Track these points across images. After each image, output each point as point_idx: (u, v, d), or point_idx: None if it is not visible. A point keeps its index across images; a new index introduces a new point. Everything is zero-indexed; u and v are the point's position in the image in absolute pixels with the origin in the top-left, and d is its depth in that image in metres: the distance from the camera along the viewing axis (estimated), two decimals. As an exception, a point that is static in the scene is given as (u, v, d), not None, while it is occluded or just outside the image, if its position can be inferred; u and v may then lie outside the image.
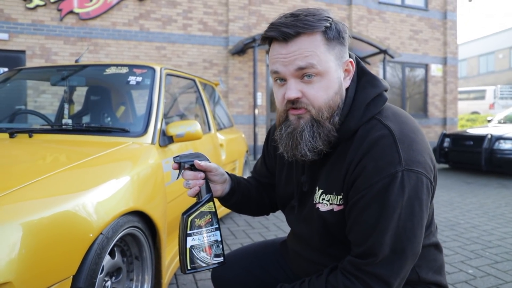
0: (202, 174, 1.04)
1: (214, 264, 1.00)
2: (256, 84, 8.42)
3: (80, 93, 2.96)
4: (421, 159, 0.89)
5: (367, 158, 0.89)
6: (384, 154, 0.88)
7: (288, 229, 3.41)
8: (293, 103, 0.94)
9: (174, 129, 2.14)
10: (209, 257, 0.99)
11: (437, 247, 1.06)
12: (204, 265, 0.99)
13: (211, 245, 1.00)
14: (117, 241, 1.56)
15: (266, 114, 9.32)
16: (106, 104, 2.73)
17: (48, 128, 2.10)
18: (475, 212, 3.94)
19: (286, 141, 0.98)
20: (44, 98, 6.32)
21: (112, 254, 1.53)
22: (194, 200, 1.06)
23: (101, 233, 1.34)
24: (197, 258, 0.98)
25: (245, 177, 1.31)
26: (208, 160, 1.07)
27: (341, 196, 0.95)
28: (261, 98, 9.11)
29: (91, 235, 1.27)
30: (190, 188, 1.03)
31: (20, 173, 1.36)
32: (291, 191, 1.13)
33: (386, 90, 1.00)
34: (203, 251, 0.99)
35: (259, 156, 8.59)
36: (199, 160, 1.04)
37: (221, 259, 1.01)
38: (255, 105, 8.38)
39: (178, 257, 2.19)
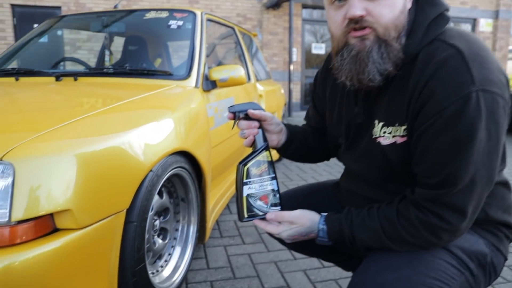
0: (256, 123, 1.01)
1: (270, 212, 0.99)
2: (292, 39, 8.17)
3: (118, 44, 2.93)
4: (495, 78, 0.80)
5: (435, 81, 0.81)
6: (454, 75, 0.79)
7: (338, 174, 3.38)
8: (356, 23, 0.85)
9: (217, 73, 2.08)
10: (265, 206, 0.99)
11: (506, 185, 0.98)
12: (260, 213, 0.98)
13: (267, 194, 0.99)
14: (165, 180, 1.55)
15: (301, 71, 9.09)
16: (144, 55, 2.69)
17: (92, 71, 2.09)
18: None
19: (350, 66, 0.89)
20: (80, 54, 6.38)
21: (160, 194, 1.54)
22: (241, 149, 1.03)
23: (151, 170, 1.33)
24: (254, 207, 0.98)
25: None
26: (262, 109, 1.03)
27: (405, 127, 0.88)
28: (296, 54, 8.87)
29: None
30: (246, 138, 1.01)
31: (68, 111, 1.35)
32: (341, 130, 1.06)
33: (447, 10, 0.89)
34: (259, 200, 0.98)
35: (294, 113, 8.51)
36: (253, 109, 1.01)
37: (278, 208, 1.00)
38: (290, 61, 8.17)
39: (220, 203, 2.21)
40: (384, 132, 0.91)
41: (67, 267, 1.02)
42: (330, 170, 3.60)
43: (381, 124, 0.92)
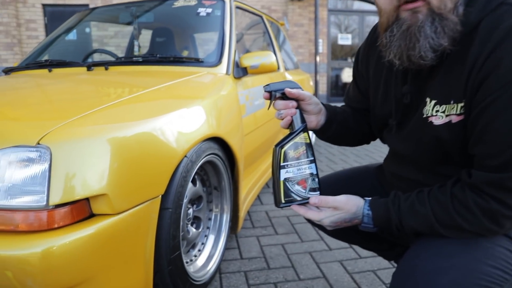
0: (294, 103, 0.94)
1: (308, 198, 0.93)
2: (317, 30, 8.04)
3: (145, 39, 2.92)
4: None
5: (501, 51, 0.72)
6: None
7: (380, 157, 3.29)
8: None
9: (248, 60, 2.03)
10: (304, 191, 0.93)
11: None
12: (298, 198, 0.92)
13: (305, 178, 0.93)
14: (199, 168, 1.52)
15: (327, 62, 8.94)
16: (171, 46, 2.67)
17: (122, 60, 2.09)
18: None
19: (399, 42, 0.82)
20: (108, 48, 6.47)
21: (193, 182, 1.51)
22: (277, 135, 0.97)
23: (185, 156, 1.29)
24: (292, 192, 0.92)
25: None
26: (300, 88, 0.96)
27: (462, 104, 0.80)
28: (322, 45, 8.72)
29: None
30: (282, 119, 0.94)
31: (100, 98, 1.33)
32: (389, 110, 0.99)
33: None
34: (297, 184, 0.92)
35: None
36: (290, 88, 0.94)
37: (317, 193, 0.94)
38: (316, 52, 8.04)
39: (252, 193, 2.17)
40: (437, 111, 0.84)
41: (103, 253, 1.00)
42: (372, 154, 3.51)
43: (433, 102, 0.84)
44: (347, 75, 10.44)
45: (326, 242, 1.94)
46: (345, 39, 9.13)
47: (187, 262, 1.49)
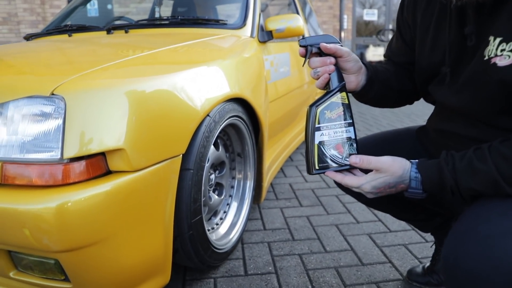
0: (332, 59, 0.85)
1: (346, 165, 0.84)
2: (342, 5, 7.76)
3: (168, 8, 2.83)
4: None
5: None
6: None
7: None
8: None
9: (274, 23, 1.91)
10: (340, 157, 0.84)
11: None
12: (334, 165, 0.84)
13: (342, 143, 0.84)
14: (221, 132, 1.44)
15: (352, 39, 8.66)
16: (193, 12, 2.57)
17: (143, 23, 2.00)
18: None
19: None
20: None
21: (216, 146, 1.43)
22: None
23: (208, 115, 1.21)
24: (327, 157, 0.84)
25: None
26: (338, 42, 0.86)
27: None
28: (347, 21, 8.43)
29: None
30: (318, 78, 0.86)
31: (118, 54, 1.25)
32: (440, 57, 0.87)
33: None
34: (333, 149, 0.84)
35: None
36: (327, 43, 0.85)
37: None
38: (341, 28, 7.79)
39: (275, 164, 2.09)
40: (502, 50, 0.72)
41: (120, 212, 0.94)
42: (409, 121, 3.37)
43: (498, 40, 0.73)
44: (371, 54, 10.12)
45: (353, 215, 1.85)
46: (370, 15, 8.79)
47: (208, 230, 1.43)
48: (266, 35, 1.92)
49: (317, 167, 0.84)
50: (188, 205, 1.13)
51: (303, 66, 0.93)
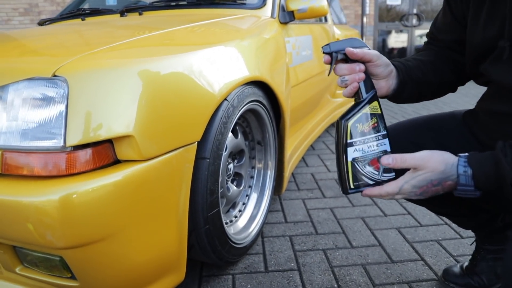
0: (361, 66, 0.78)
1: (383, 181, 0.78)
2: (365, -11, 7.49)
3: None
4: None
5: None
6: None
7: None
8: None
9: (296, 3, 1.79)
10: (377, 172, 0.77)
11: None
12: (371, 182, 0.77)
13: (378, 157, 0.77)
14: (240, 118, 1.35)
15: (374, 25, 8.39)
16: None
17: (158, 5, 1.91)
18: None
19: None
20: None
21: (234, 133, 1.34)
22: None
23: (225, 99, 1.11)
24: (362, 174, 0.77)
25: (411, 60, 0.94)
26: (366, 46, 0.80)
27: None
28: (369, 6, 8.15)
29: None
30: (347, 86, 0.78)
31: (129, 33, 1.16)
32: (496, 31, 0.75)
33: None
34: (368, 165, 0.77)
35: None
36: (353, 48, 0.78)
37: (392, 174, 0.78)
38: (363, 14, 7.54)
39: (297, 153, 1.98)
40: None
41: (130, 205, 0.86)
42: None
43: None
44: (394, 40, 9.81)
45: (380, 207, 1.74)
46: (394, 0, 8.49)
47: (226, 223, 1.34)
48: (287, 16, 1.79)
49: (352, 186, 0.78)
50: (204, 197, 1.04)
51: (328, 75, 0.84)
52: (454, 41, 0.91)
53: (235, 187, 1.37)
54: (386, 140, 0.78)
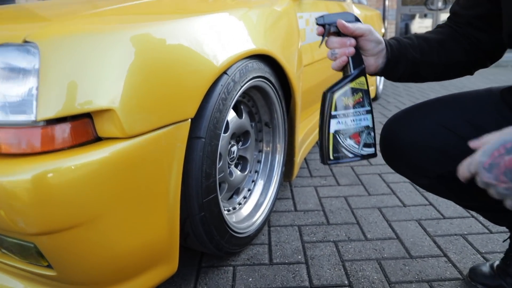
0: (352, 41, 0.78)
1: (362, 155, 0.81)
2: (389, -29, 7.19)
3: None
4: None
5: None
6: None
7: None
8: None
9: (310, -26, 1.65)
10: (357, 146, 0.80)
11: None
12: (350, 155, 0.80)
13: (360, 132, 0.80)
14: (244, 95, 1.23)
15: (397, 8, 8.08)
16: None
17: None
18: None
19: None
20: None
21: (238, 112, 1.22)
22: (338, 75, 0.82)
23: (225, 73, 1.00)
24: (342, 146, 0.79)
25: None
26: (359, 21, 0.80)
27: None
28: (393, -11, 7.84)
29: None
30: (336, 59, 0.79)
31: (116, 1, 1.05)
32: None
33: None
34: (350, 138, 0.79)
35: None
36: (346, 21, 0.78)
37: (371, 150, 0.81)
38: (386, -3, 7.25)
39: (310, 138, 1.86)
40: None
41: (111, 187, 0.76)
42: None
43: None
44: (417, 25, 9.47)
45: (398, 196, 1.60)
46: (419, -18, 8.13)
47: (228, 210, 1.24)
48: (301, -12, 1.65)
49: (331, 158, 0.79)
50: (199, 181, 0.93)
51: (319, 46, 0.86)
52: (478, 17, 0.83)
53: (239, 172, 1.26)
54: (369, 116, 0.80)
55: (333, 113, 0.78)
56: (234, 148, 1.22)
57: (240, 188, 1.31)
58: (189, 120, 0.89)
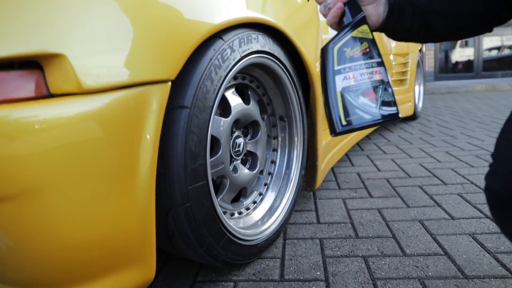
0: None
1: (383, 115, 0.65)
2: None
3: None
4: None
5: None
6: None
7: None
8: None
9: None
10: (374, 105, 0.65)
11: None
12: (367, 117, 0.65)
13: (374, 87, 0.66)
14: (249, 73, 1.05)
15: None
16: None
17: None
18: None
19: None
20: None
21: (245, 99, 1.04)
22: None
23: (220, 38, 0.83)
24: (355, 107, 0.65)
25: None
26: None
27: None
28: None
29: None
30: (329, 10, 0.69)
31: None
32: None
33: None
34: (363, 96, 0.66)
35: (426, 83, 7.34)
36: None
37: (393, 109, 0.66)
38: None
39: (338, 146, 1.64)
40: None
41: (57, 153, 0.59)
42: (487, 127, 2.71)
43: None
44: (458, 55, 9.11)
45: (445, 208, 1.33)
46: None
47: (233, 214, 1.03)
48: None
49: (344, 123, 0.65)
50: (181, 162, 0.74)
51: (308, 0, 0.75)
52: None
53: (246, 170, 1.06)
54: (382, 69, 0.67)
55: (336, 68, 0.66)
56: (240, 141, 1.03)
57: (247, 189, 1.11)
58: (169, 82, 0.71)
